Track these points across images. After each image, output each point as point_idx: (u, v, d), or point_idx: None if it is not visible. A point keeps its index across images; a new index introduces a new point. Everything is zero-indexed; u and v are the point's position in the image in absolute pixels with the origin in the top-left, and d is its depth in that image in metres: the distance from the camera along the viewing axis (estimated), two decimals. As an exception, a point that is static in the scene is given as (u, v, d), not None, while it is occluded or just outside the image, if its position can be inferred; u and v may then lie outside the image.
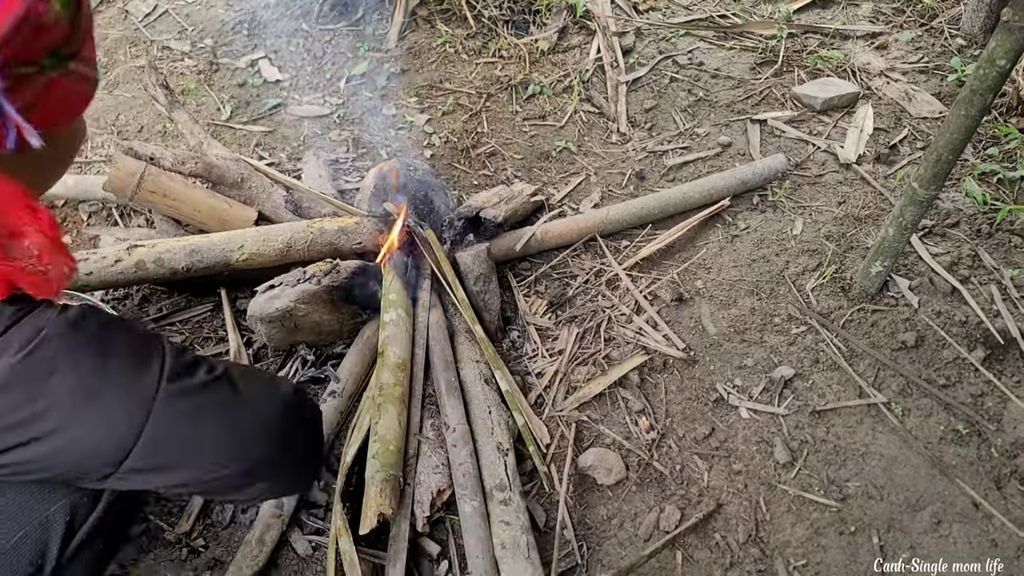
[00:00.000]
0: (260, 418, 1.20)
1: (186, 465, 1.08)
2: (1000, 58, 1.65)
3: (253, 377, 1.27)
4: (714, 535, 1.76)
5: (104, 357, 0.98)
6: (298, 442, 1.35)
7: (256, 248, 2.10)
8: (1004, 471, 1.85)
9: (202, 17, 3.53)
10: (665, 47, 3.41)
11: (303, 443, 1.40)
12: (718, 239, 2.49)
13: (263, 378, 1.35)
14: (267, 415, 1.22)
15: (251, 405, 1.18)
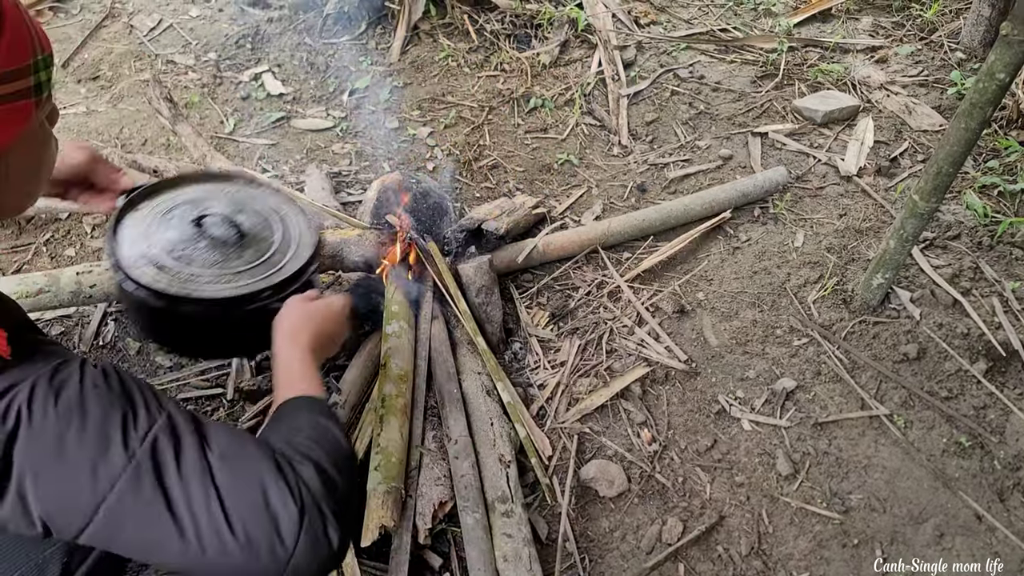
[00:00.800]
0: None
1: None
2: (999, 71, 1.66)
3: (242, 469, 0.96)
4: (716, 547, 1.76)
5: (80, 423, 0.87)
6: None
7: (259, 260, 2.11)
8: (1007, 483, 1.85)
9: (206, 31, 3.55)
10: (666, 61, 3.43)
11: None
12: (719, 251, 2.50)
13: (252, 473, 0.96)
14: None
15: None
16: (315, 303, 1.35)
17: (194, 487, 0.87)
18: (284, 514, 0.90)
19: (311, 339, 1.26)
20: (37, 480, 0.82)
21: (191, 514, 0.87)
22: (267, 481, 0.91)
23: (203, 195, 1.64)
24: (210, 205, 1.59)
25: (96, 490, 0.83)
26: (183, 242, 1.50)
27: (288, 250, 1.56)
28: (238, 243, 1.53)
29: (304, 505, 0.92)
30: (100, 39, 3.49)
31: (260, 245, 1.55)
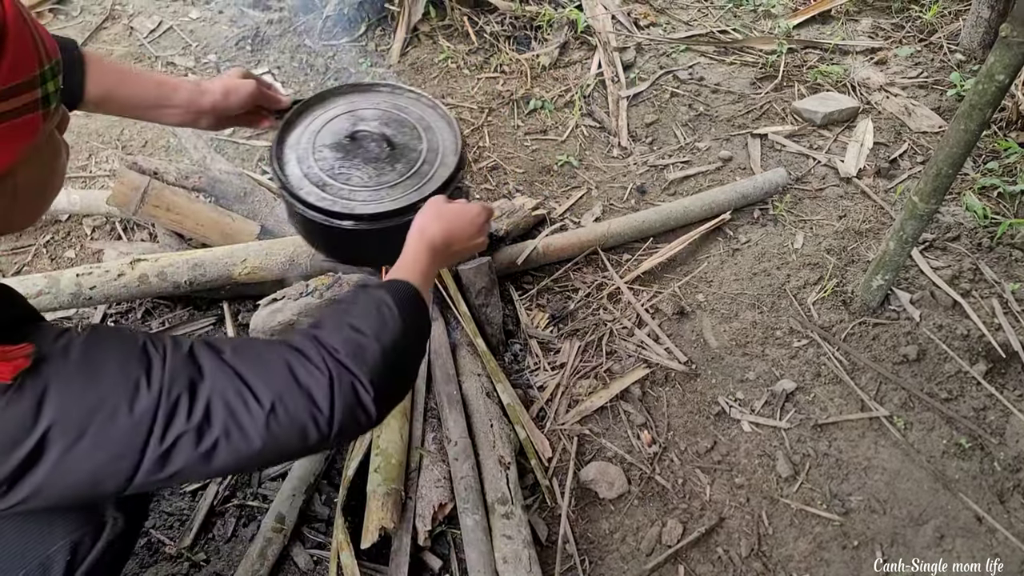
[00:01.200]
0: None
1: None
2: (999, 73, 1.66)
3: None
4: (716, 549, 1.76)
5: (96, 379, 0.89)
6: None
7: (259, 262, 2.11)
8: (1007, 485, 1.85)
9: (206, 33, 3.55)
10: (666, 62, 3.43)
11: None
12: (719, 253, 2.50)
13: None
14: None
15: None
16: (451, 204, 1.44)
17: (229, 394, 0.91)
18: (314, 384, 0.96)
19: (437, 236, 1.35)
20: (78, 437, 0.85)
21: (234, 420, 0.91)
22: (291, 360, 0.97)
23: (350, 108, 1.81)
24: (359, 119, 1.77)
25: (139, 428, 0.87)
26: (339, 160, 1.68)
27: (435, 160, 1.72)
28: (389, 156, 1.70)
29: (331, 371, 0.98)
30: (100, 41, 3.49)
31: (409, 156, 1.71)
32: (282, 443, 0.96)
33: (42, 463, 0.84)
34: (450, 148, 1.75)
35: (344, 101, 1.82)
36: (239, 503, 1.82)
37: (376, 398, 1.02)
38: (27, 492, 0.85)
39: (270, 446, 0.94)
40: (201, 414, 0.90)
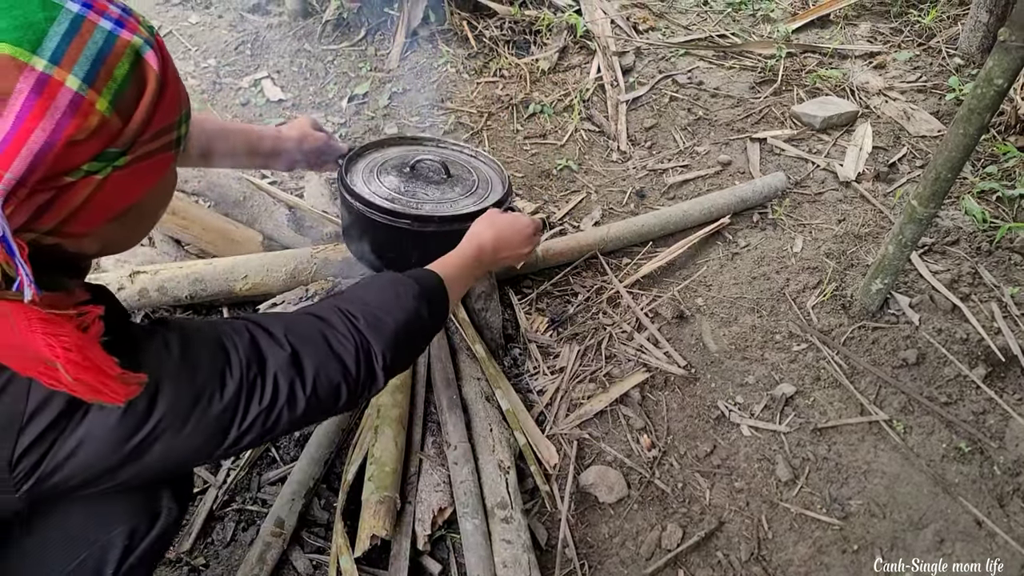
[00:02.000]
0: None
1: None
2: (997, 77, 1.66)
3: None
4: (716, 553, 1.76)
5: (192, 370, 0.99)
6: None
7: (260, 279, 2.12)
8: (1007, 489, 1.84)
9: (206, 38, 3.56)
10: (665, 66, 3.43)
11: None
12: (718, 257, 2.50)
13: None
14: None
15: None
16: (504, 215, 1.63)
17: (288, 371, 1.06)
18: (344, 351, 1.12)
19: (488, 240, 1.53)
20: (181, 429, 0.95)
21: (291, 393, 1.05)
22: (323, 330, 1.13)
23: (402, 153, 2.14)
24: (415, 156, 2.05)
25: (226, 412, 0.99)
26: (404, 183, 1.98)
27: (487, 186, 2.07)
28: (448, 180, 2.01)
29: (356, 339, 1.14)
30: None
31: (465, 182, 2.04)
32: (324, 405, 1.11)
33: (150, 452, 0.93)
34: (496, 179, 2.10)
35: (395, 149, 2.16)
36: (238, 507, 1.81)
37: (385, 367, 1.16)
38: (129, 475, 0.94)
39: (315, 408, 1.09)
40: (271, 393, 1.03)
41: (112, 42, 0.81)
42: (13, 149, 0.74)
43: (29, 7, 0.76)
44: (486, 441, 1.84)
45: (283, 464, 1.89)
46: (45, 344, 0.77)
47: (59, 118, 0.75)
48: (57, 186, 0.79)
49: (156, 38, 0.88)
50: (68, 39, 0.77)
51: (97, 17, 0.80)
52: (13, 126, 0.73)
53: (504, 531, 1.65)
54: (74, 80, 0.76)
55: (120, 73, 0.81)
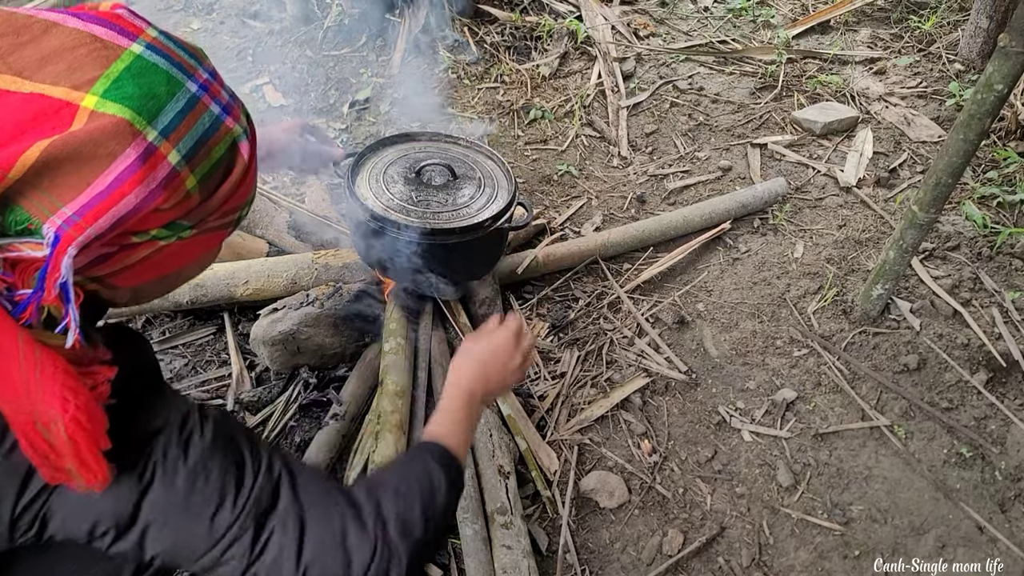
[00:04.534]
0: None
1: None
2: (998, 83, 1.66)
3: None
4: (717, 559, 1.75)
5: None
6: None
7: (261, 284, 2.12)
8: (1008, 494, 1.84)
9: (207, 43, 3.56)
10: (665, 72, 3.44)
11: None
12: (719, 262, 2.50)
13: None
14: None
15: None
16: (481, 343, 1.40)
17: (286, 536, 0.95)
18: (357, 550, 0.99)
19: (476, 384, 1.33)
20: (162, 529, 0.89)
21: (277, 562, 0.95)
22: (347, 517, 1.00)
23: (401, 154, 2.13)
24: (417, 159, 2.09)
25: (210, 537, 0.91)
26: (412, 190, 1.99)
27: (494, 183, 2.09)
28: (454, 183, 2.04)
29: (377, 544, 1.01)
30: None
31: (471, 181, 2.07)
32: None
33: (125, 538, 0.89)
34: (499, 173, 2.14)
35: (393, 149, 2.15)
36: (239, 513, 1.81)
37: (406, 569, 1.05)
38: (96, 546, 0.90)
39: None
40: (260, 547, 0.94)
41: (217, 126, 0.85)
42: (103, 207, 0.75)
43: (156, 79, 0.79)
44: (486, 446, 1.84)
45: (284, 469, 1.89)
46: (60, 398, 0.75)
47: (152, 188, 0.78)
48: (122, 243, 0.82)
49: (251, 128, 0.92)
50: (181, 116, 0.80)
51: (210, 100, 0.84)
52: (110, 186, 0.75)
53: (504, 536, 1.65)
54: (175, 155, 0.79)
55: (215, 156, 0.85)
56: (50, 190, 0.74)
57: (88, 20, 0.79)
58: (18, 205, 0.75)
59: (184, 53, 0.85)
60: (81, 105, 0.74)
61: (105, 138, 0.74)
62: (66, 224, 0.75)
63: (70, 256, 0.75)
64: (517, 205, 2.06)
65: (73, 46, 0.76)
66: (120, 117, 0.74)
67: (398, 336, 2.00)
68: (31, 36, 0.76)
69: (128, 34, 0.80)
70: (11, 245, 0.75)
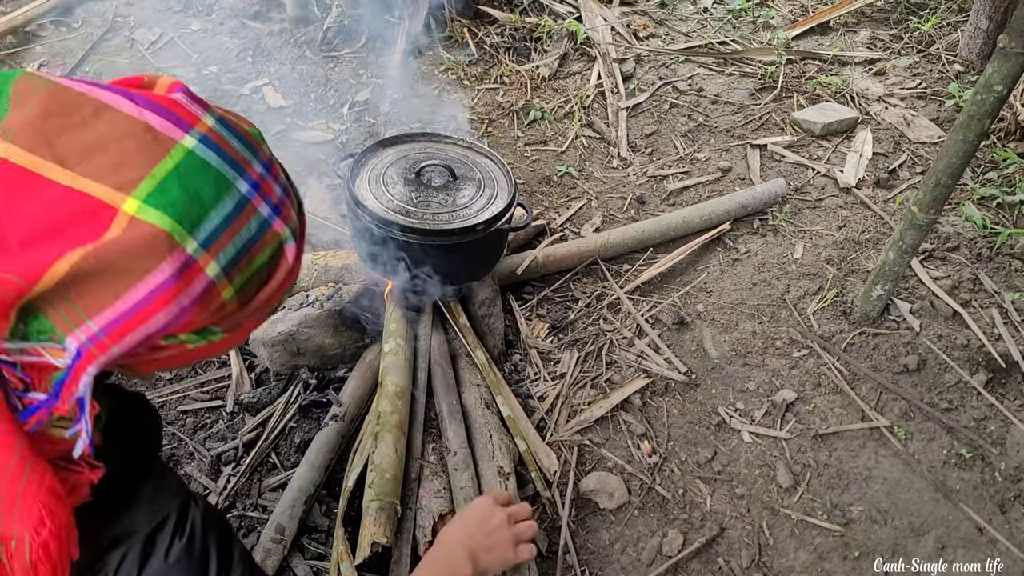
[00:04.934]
0: None
1: None
2: (997, 84, 1.67)
3: None
4: (717, 560, 1.75)
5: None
6: None
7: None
8: (1008, 495, 1.84)
9: (207, 45, 3.57)
10: (665, 73, 3.44)
11: None
12: (719, 263, 2.50)
13: None
14: None
15: None
16: (467, 514, 1.34)
17: None
18: None
19: (463, 562, 1.27)
20: None
21: None
22: None
23: (401, 155, 2.14)
24: (416, 160, 2.09)
25: None
26: (412, 191, 2.00)
27: (493, 184, 2.09)
28: (454, 184, 2.04)
29: None
30: (101, 52, 3.50)
31: (471, 181, 2.07)
32: None
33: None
34: (499, 174, 2.14)
35: (392, 150, 2.15)
36: (238, 514, 1.81)
37: None
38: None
39: None
40: None
41: (263, 231, 0.78)
42: (130, 325, 0.71)
43: (204, 181, 0.73)
44: (486, 447, 1.84)
45: (283, 470, 1.89)
46: (37, 517, 0.69)
47: (186, 304, 0.72)
48: (149, 346, 0.76)
49: (302, 223, 0.86)
50: (226, 224, 0.74)
51: (260, 201, 0.78)
52: (140, 302, 0.70)
53: (505, 537, 1.65)
54: (214, 267, 0.73)
55: (257, 263, 0.79)
56: (77, 300, 0.69)
57: (143, 105, 0.72)
58: (43, 314, 0.69)
59: (239, 144, 0.78)
60: (121, 209, 0.68)
61: (141, 251, 0.68)
62: (90, 341, 0.70)
63: (90, 375, 0.71)
64: (517, 206, 2.06)
65: (122, 136, 0.70)
66: (159, 228, 0.69)
67: (398, 337, 2.00)
68: (81, 118, 0.70)
69: (183, 124, 0.73)
70: (32, 348, 0.70)
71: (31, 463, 0.70)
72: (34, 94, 0.70)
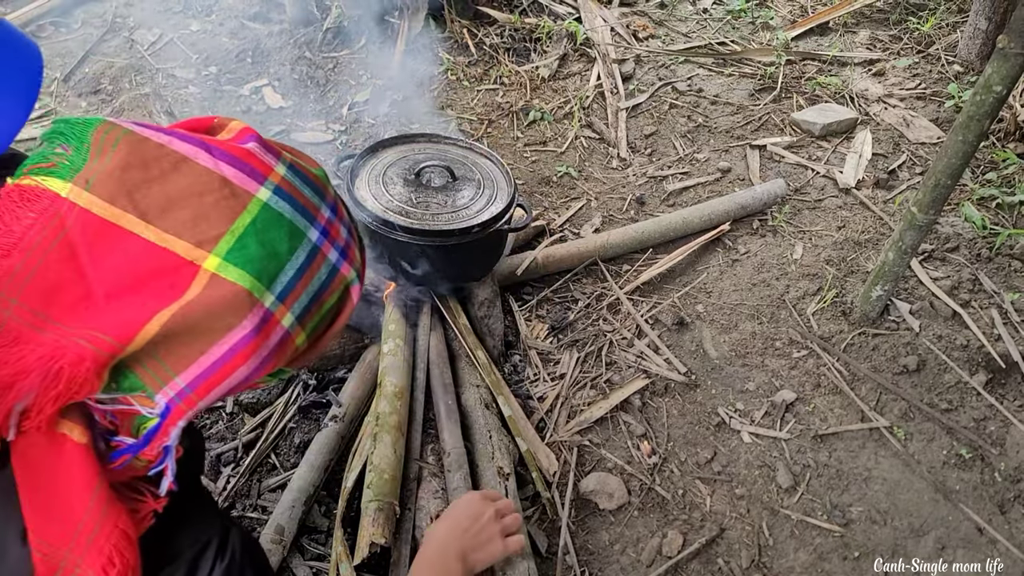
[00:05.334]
0: None
1: None
2: (996, 84, 1.67)
3: None
4: (717, 560, 1.75)
5: None
6: None
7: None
8: (1008, 496, 1.84)
9: (207, 45, 3.57)
10: (664, 74, 3.44)
11: None
12: (719, 263, 2.50)
13: None
14: None
15: None
16: (452, 512, 1.36)
17: None
18: None
19: (453, 558, 1.29)
20: None
21: None
22: None
23: (401, 155, 2.14)
24: (416, 161, 2.09)
25: None
26: (412, 192, 2.00)
27: (493, 184, 2.10)
28: (454, 184, 2.04)
29: None
30: (101, 53, 3.50)
31: (471, 182, 2.07)
32: None
33: None
34: (499, 175, 2.14)
35: (391, 151, 2.16)
36: (238, 514, 1.81)
37: None
38: None
39: None
40: None
41: (332, 277, 0.81)
42: (215, 381, 0.73)
43: (279, 234, 0.75)
44: (485, 448, 1.83)
45: (283, 471, 1.89)
46: (106, 559, 0.71)
47: (264, 356, 0.75)
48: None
49: (363, 260, 0.89)
50: (299, 275, 0.76)
51: (329, 247, 0.80)
52: (223, 357, 0.72)
53: (504, 538, 1.65)
54: (289, 318, 0.76)
55: (326, 307, 0.81)
56: (165, 358, 0.71)
57: (219, 157, 0.74)
58: (132, 373, 0.72)
59: (309, 191, 0.80)
60: (202, 267, 0.70)
61: (223, 310, 0.71)
62: (178, 397, 0.73)
63: (179, 427, 0.74)
64: (516, 206, 2.06)
65: (201, 192, 0.72)
66: (240, 286, 0.71)
67: (397, 337, 2.00)
68: (160, 172, 0.72)
69: (258, 176, 0.75)
70: (123, 398, 0.73)
71: (108, 505, 0.72)
72: (114, 145, 0.71)
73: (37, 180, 0.70)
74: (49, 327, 0.69)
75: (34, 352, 0.68)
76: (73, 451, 0.71)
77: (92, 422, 0.73)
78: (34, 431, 0.70)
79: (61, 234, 0.69)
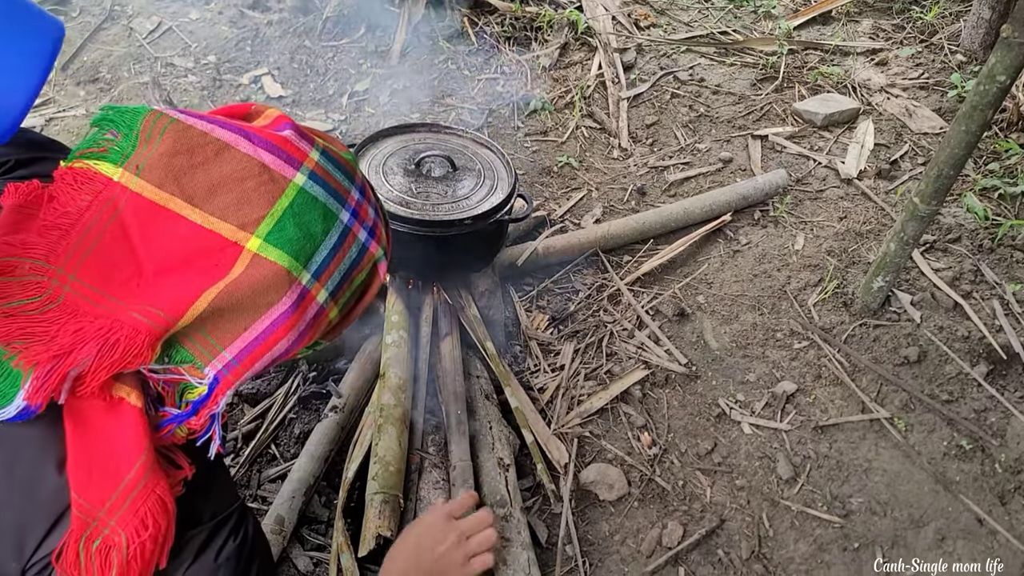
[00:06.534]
0: None
1: None
2: (1000, 74, 1.66)
3: None
4: (717, 551, 1.75)
5: None
6: None
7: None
8: (1008, 487, 1.84)
9: (206, 34, 3.55)
10: (666, 63, 3.43)
11: None
12: (720, 254, 2.50)
13: None
14: None
15: None
16: (414, 528, 1.32)
17: None
18: None
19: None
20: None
21: None
22: None
23: (401, 145, 2.12)
24: (416, 150, 2.07)
25: None
26: (412, 182, 1.99)
27: (494, 174, 2.08)
28: (454, 175, 2.03)
29: None
30: (99, 41, 3.49)
31: (471, 172, 2.06)
32: None
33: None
34: (499, 165, 2.12)
35: (391, 141, 2.13)
36: (238, 505, 1.81)
37: None
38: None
39: None
40: None
41: (362, 255, 0.87)
42: (258, 353, 0.79)
43: (314, 215, 0.80)
44: (485, 439, 1.84)
45: (283, 461, 1.89)
46: (140, 519, 0.76)
47: (302, 330, 0.82)
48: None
49: (388, 238, 0.94)
50: (333, 254, 0.82)
51: (359, 228, 0.86)
52: (265, 332, 0.79)
53: (503, 529, 1.65)
54: (323, 294, 0.83)
55: (356, 283, 0.88)
56: (212, 333, 0.77)
57: (259, 144, 0.79)
58: (183, 347, 0.78)
59: (340, 175, 0.85)
60: (245, 247, 0.76)
61: (265, 288, 0.77)
62: (226, 369, 0.79)
63: (228, 396, 0.81)
64: (517, 197, 2.05)
65: (242, 177, 0.77)
66: (279, 265, 0.77)
67: (400, 329, 2.00)
68: (204, 158, 0.77)
69: (294, 162, 0.80)
70: (174, 368, 0.79)
71: (151, 470, 0.77)
72: (162, 133, 0.77)
73: (89, 164, 0.77)
74: (105, 301, 0.75)
75: (92, 324, 0.73)
76: (129, 413, 0.76)
77: (146, 389, 0.78)
78: (88, 395, 0.74)
79: (114, 215, 0.75)
